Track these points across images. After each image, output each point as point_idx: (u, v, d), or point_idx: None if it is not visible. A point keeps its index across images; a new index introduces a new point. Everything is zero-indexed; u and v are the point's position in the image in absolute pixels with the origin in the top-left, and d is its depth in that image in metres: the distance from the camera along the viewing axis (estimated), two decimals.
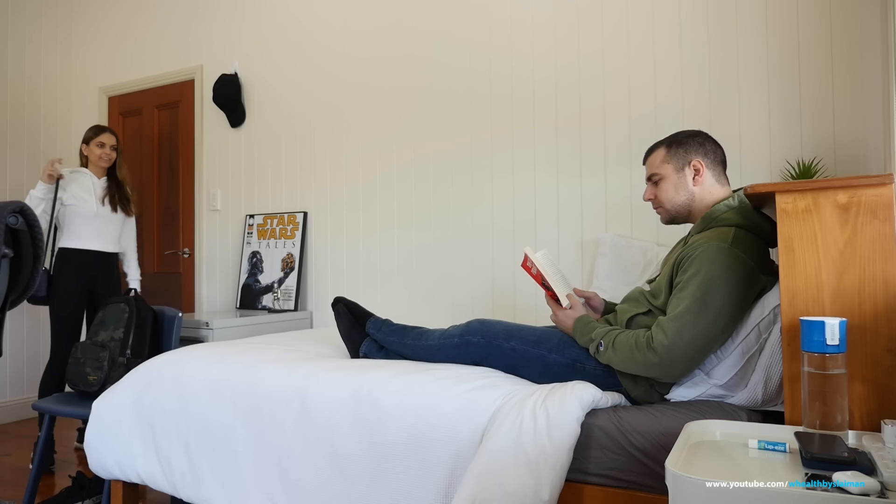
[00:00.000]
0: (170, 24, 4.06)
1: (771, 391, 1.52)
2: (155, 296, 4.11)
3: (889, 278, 1.23)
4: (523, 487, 1.36)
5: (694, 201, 1.71)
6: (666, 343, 1.48)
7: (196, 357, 2.00)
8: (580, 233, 2.75)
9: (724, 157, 1.74)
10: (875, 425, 1.22)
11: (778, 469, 1.03)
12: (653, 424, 1.43)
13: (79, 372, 2.42)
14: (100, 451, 2.02)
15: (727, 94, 2.46)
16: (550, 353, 1.67)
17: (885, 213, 1.23)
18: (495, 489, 1.37)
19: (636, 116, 2.64)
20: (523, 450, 1.40)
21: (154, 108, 4.12)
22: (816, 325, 1.13)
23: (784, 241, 1.30)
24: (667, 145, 1.74)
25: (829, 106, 2.30)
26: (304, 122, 3.53)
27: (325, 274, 3.45)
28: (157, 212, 4.10)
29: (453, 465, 1.50)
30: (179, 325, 2.54)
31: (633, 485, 1.41)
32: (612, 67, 2.69)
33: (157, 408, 1.93)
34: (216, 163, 3.85)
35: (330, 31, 3.45)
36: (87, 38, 4.41)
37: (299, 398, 1.71)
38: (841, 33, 2.28)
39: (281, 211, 3.61)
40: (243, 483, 1.75)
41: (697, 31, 2.52)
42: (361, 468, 1.59)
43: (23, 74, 4.10)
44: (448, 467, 1.51)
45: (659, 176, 1.74)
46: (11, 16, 4.04)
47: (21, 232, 1.50)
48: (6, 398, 3.93)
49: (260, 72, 3.69)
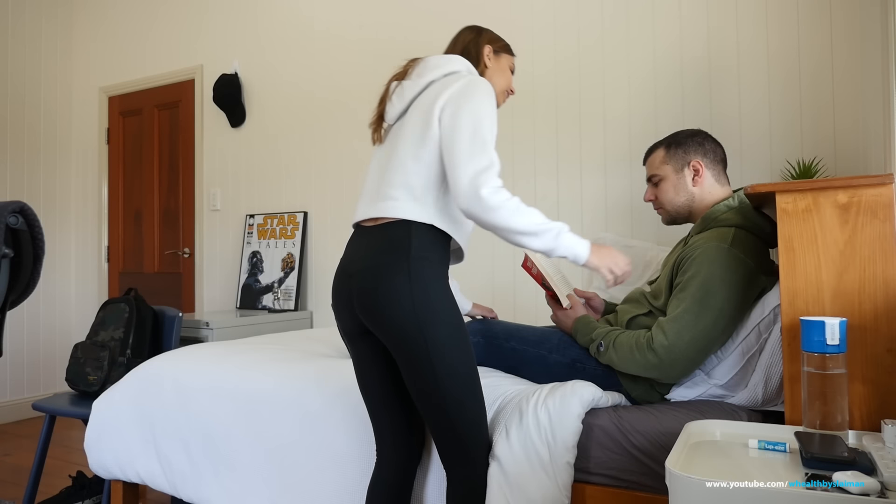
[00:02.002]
0: (170, 24, 4.06)
1: (771, 391, 1.53)
2: (155, 296, 4.11)
3: (889, 278, 1.23)
4: (543, 489, 1.38)
5: (694, 202, 1.71)
6: (666, 344, 1.48)
7: (196, 357, 2.00)
8: (580, 233, 2.75)
9: (724, 155, 1.74)
10: (875, 425, 1.22)
11: (778, 469, 1.03)
12: (653, 424, 1.43)
13: (79, 372, 2.42)
14: (100, 451, 2.02)
15: (727, 94, 2.46)
16: (550, 353, 1.67)
17: (885, 213, 1.23)
18: (521, 499, 1.39)
19: (636, 116, 2.64)
20: (535, 452, 1.41)
21: (154, 108, 4.12)
22: (816, 325, 1.13)
23: (784, 240, 1.30)
24: (666, 146, 1.74)
25: (829, 106, 2.30)
26: (305, 122, 3.53)
27: (325, 274, 3.45)
28: (158, 212, 4.10)
29: None
30: (179, 325, 2.54)
31: (633, 484, 1.41)
32: (612, 67, 2.69)
33: (158, 408, 1.93)
34: (216, 163, 3.85)
35: (330, 31, 3.45)
36: (87, 38, 4.41)
37: (299, 398, 1.71)
38: (841, 33, 2.28)
39: (281, 211, 3.61)
40: (243, 483, 1.76)
41: (697, 30, 2.52)
42: (363, 468, 1.59)
43: (23, 74, 4.10)
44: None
45: (658, 177, 1.74)
46: (11, 16, 4.04)
47: (21, 232, 1.51)
48: (6, 398, 3.93)
49: (260, 71, 3.69)
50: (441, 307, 1.32)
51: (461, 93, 1.37)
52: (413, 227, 1.35)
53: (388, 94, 1.51)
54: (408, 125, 1.43)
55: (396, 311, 1.30)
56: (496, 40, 1.60)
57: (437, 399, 1.32)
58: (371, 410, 1.48)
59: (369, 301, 1.33)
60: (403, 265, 1.32)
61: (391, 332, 1.32)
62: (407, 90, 1.47)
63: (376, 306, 1.32)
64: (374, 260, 1.34)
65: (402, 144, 1.41)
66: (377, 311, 1.32)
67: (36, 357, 4.10)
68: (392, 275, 1.31)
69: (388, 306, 1.30)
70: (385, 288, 1.31)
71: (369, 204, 1.42)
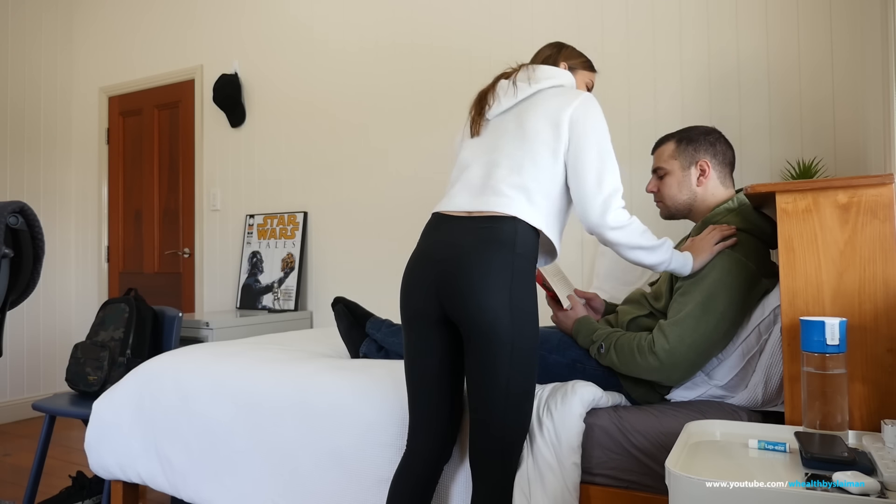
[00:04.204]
0: (170, 24, 4.06)
1: (771, 391, 1.53)
2: (155, 296, 4.11)
3: (889, 278, 1.23)
4: (553, 492, 1.39)
5: (696, 201, 1.71)
6: (667, 347, 1.48)
7: (196, 357, 2.00)
8: (580, 233, 2.75)
9: (733, 158, 1.73)
10: (875, 425, 1.22)
11: (778, 469, 1.03)
12: (653, 424, 1.43)
13: (79, 372, 2.42)
14: (100, 451, 2.02)
15: (727, 94, 2.46)
16: (550, 354, 1.67)
17: (885, 213, 1.23)
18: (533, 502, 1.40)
19: (636, 116, 2.64)
20: (543, 457, 1.42)
21: (154, 108, 4.12)
22: (816, 325, 1.13)
23: (784, 241, 1.30)
24: (677, 140, 1.73)
25: (829, 106, 2.30)
26: (305, 122, 3.53)
27: (325, 274, 3.45)
28: (158, 212, 4.10)
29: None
30: (179, 325, 2.54)
31: (633, 484, 1.41)
32: (611, 67, 2.69)
33: (158, 408, 1.93)
34: (216, 163, 3.86)
35: (330, 31, 3.45)
36: (87, 38, 4.41)
37: (299, 398, 1.71)
38: (841, 33, 2.28)
39: (281, 211, 3.61)
40: (244, 483, 1.76)
41: (697, 30, 2.52)
42: (364, 467, 1.59)
43: (23, 74, 4.11)
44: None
45: (664, 170, 1.73)
46: (11, 16, 4.04)
47: (21, 232, 1.51)
48: (6, 398, 3.93)
49: (260, 71, 3.69)
50: (533, 305, 1.37)
51: (585, 112, 1.43)
52: (520, 226, 1.37)
53: (495, 90, 1.54)
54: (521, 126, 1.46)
55: (495, 301, 1.32)
56: (573, 56, 1.64)
57: (499, 392, 1.33)
58: (415, 398, 1.46)
59: (465, 287, 1.34)
60: (508, 258, 1.34)
61: (483, 319, 1.32)
62: (520, 92, 1.50)
63: (472, 294, 1.33)
64: (476, 248, 1.35)
65: (514, 144, 1.45)
66: (471, 299, 1.33)
67: (36, 357, 4.10)
68: (495, 265, 1.33)
69: (487, 296, 1.32)
70: (486, 277, 1.33)
71: (475, 197, 1.42)
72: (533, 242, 1.40)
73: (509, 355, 1.32)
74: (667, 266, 1.49)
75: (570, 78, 1.55)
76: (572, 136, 1.42)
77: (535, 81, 1.51)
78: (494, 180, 1.41)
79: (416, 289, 1.43)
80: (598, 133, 1.42)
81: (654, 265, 1.47)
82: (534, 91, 1.50)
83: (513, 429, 1.35)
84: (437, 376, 1.44)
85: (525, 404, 1.36)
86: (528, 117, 1.46)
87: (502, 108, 1.51)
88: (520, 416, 1.35)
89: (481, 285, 1.32)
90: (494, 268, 1.33)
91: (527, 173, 1.41)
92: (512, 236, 1.36)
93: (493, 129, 1.51)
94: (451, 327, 1.43)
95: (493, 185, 1.41)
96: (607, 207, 1.38)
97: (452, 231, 1.41)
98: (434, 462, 1.45)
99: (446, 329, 1.43)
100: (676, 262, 1.50)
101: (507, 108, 1.51)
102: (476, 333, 1.33)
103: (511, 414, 1.34)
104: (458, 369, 1.46)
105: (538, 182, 1.41)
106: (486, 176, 1.44)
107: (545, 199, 1.41)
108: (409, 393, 1.47)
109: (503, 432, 1.34)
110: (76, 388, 2.44)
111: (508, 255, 1.35)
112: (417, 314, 1.43)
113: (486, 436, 1.35)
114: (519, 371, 1.33)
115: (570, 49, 1.64)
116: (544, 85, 1.51)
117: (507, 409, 1.33)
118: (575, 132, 1.42)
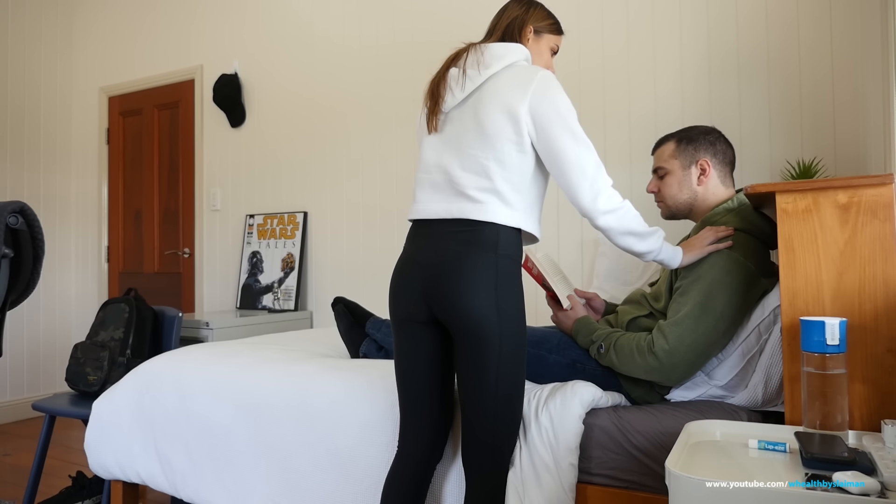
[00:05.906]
0: (170, 24, 4.06)
1: (771, 392, 1.53)
2: (155, 296, 4.11)
3: (889, 278, 1.23)
4: (549, 492, 1.39)
5: (696, 201, 1.71)
6: (667, 348, 1.48)
7: (196, 357, 2.00)
8: (580, 233, 2.75)
9: (733, 157, 1.73)
10: (875, 425, 1.22)
11: (778, 469, 1.03)
12: (653, 424, 1.43)
13: (79, 372, 2.42)
14: (100, 451, 2.02)
15: (727, 94, 2.46)
16: (550, 354, 1.67)
17: (885, 213, 1.23)
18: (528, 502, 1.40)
19: (636, 116, 2.64)
20: (539, 455, 1.41)
21: (154, 108, 4.12)
22: (816, 325, 1.13)
23: (784, 241, 1.30)
24: (677, 140, 1.73)
25: (829, 106, 2.30)
26: (304, 122, 3.53)
27: (325, 274, 3.45)
28: (158, 212, 4.10)
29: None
30: (179, 325, 2.54)
31: (633, 485, 1.41)
32: (611, 66, 2.69)
33: (158, 408, 1.93)
34: (216, 163, 3.85)
35: (330, 31, 3.45)
36: (87, 38, 4.41)
37: (299, 398, 1.71)
38: (841, 33, 2.28)
39: (281, 211, 3.61)
40: (244, 483, 1.76)
41: (697, 30, 2.52)
42: (363, 467, 1.59)
43: (23, 74, 4.11)
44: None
45: (665, 170, 1.73)
46: (11, 16, 4.04)
47: (21, 232, 1.51)
48: (6, 398, 3.93)
49: (260, 71, 3.69)
50: (520, 304, 1.37)
51: (543, 97, 1.36)
52: (501, 229, 1.37)
53: (447, 80, 1.47)
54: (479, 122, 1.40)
55: (481, 302, 1.32)
56: (542, 19, 1.54)
57: (488, 391, 1.33)
58: (406, 400, 1.46)
59: (451, 291, 1.34)
60: (491, 260, 1.34)
61: (470, 320, 1.32)
62: (470, 82, 1.42)
63: (458, 296, 1.33)
64: (458, 253, 1.35)
65: (476, 143, 1.39)
66: (458, 301, 1.33)
67: (36, 357, 4.10)
68: (479, 268, 1.34)
69: (473, 297, 1.32)
70: (471, 279, 1.33)
71: (448, 202, 1.40)
72: (515, 242, 1.39)
73: (497, 355, 1.32)
74: (656, 255, 1.46)
75: (521, 52, 1.45)
76: (537, 125, 1.36)
77: (484, 67, 1.42)
78: (463, 186, 1.38)
79: (404, 292, 1.43)
80: (563, 116, 1.36)
81: (643, 253, 1.43)
82: (485, 79, 1.42)
83: (503, 427, 1.35)
84: (427, 377, 1.44)
85: (515, 402, 1.36)
86: (485, 110, 1.39)
87: (457, 101, 1.44)
88: (510, 414, 1.35)
89: (467, 288, 1.33)
90: (479, 270, 1.34)
91: (495, 175, 1.37)
92: (494, 239, 1.36)
93: (451, 123, 1.45)
94: (441, 328, 1.43)
95: (463, 192, 1.38)
96: (597, 192, 1.35)
97: (434, 236, 1.41)
98: (426, 462, 1.45)
99: (436, 330, 1.43)
100: (666, 252, 1.47)
101: (461, 101, 1.44)
102: (464, 334, 1.34)
103: (501, 412, 1.34)
104: (447, 369, 1.46)
105: (509, 182, 1.37)
106: (454, 180, 1.40)
107: (518, 195, 1.38)
108: (400, 394, 1.48)
109: (494, 431, 1.35)
110: (76, 388, 2.44)
111: (492, 256, 1.35)
112: (407, 318, 1.44)
113: (477, 434, 1.36)
114: (507, 370, 1.33)
115: (539, 10, 1.54)
116: (495, 69, 1.41)
117: (496, 408, 1.34)
118: (539, 121, 1.36)
